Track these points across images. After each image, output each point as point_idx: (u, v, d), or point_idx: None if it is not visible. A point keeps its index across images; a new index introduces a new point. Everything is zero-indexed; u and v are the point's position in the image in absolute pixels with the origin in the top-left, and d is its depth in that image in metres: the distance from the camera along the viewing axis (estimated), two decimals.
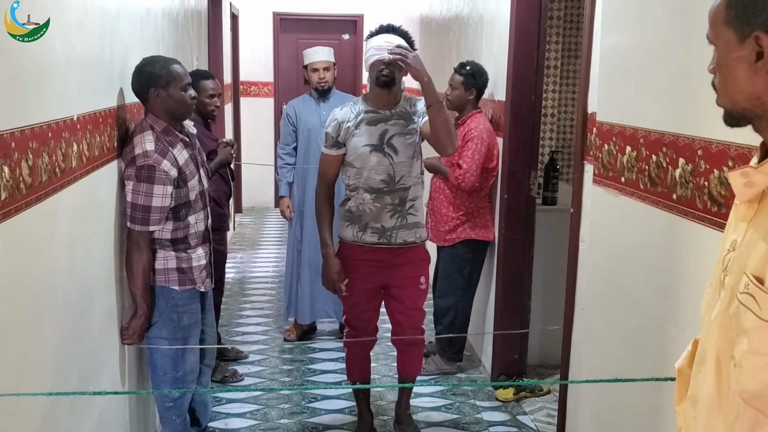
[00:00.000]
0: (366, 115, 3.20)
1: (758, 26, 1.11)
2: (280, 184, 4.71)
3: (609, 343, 2.54)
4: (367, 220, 3.22)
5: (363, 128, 3.18)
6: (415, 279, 3.32)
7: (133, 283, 2.82)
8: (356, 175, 3.22)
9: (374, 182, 3.19)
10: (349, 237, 3.29)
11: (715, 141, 1.83)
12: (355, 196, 3.24)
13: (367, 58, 3.17)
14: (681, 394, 1.41)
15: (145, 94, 2.83)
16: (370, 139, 3.17)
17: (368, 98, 3.26)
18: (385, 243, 3.23)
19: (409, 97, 3.31)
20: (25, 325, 1.89)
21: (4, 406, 1.74)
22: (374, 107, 3.21)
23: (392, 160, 3.17)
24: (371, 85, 3.24)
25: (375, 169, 3.17)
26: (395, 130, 3.18)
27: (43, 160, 1.97)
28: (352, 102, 3.31)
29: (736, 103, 1.19)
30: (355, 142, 3.19)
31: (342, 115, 3.24)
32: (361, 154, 3.18)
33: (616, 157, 2.44)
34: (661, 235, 2.12)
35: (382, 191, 3.19)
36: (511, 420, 3.78)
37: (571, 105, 5.46)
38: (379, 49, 3.09)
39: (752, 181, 1.16)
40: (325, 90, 4.58)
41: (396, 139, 3.17)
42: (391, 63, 3.05)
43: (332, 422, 3.71)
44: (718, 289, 1.25)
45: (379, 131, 3.18)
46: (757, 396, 1.12)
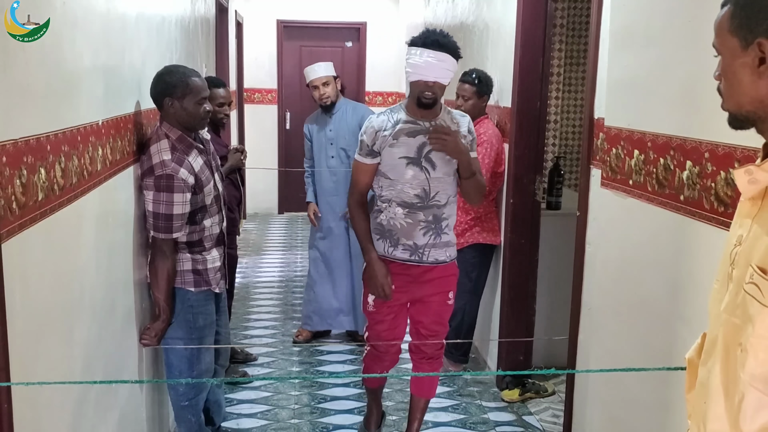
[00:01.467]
0: (405, 126, 3.07)
1: (760, 34, 1.19)
2: (307, 190, 4.79)
3: (617, 341, 2.61)
4: (398, 236, 3.12)
5: (401, 139, 3.05)
6: (444, 294, 3.23)
7: (158, 289, 2.88)
8: (389, 186, 3.10)
9: (408, 196, 3.07)
10: (379, 251, 3.16)
11: (721, 144, 1.90)
12: (387, 209, 3.12)
13: (409, 72, 3.02)
14: (691, 382, 1.48)
15: (161, 102, 2.90)
16: (408, 151, 3.05)
17: (408, 108, 3.12)
18: (416, 261, 3.14)
19: (450, 111, 3.21)
20: (59, 322, 1.97)
21: (42, 398, 1.82)
22: (414, 118, 3.08)
23: (429, 174, 3.06)
24: (411, 99, 3.10)
25: (410, 182, 3.06)
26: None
27: (74, 163, 2.04)
28: (390, 110, 3.17)
29: (740, 106, 1.27)
30: (392, 152, 3.06)
31: (379, 123, 3.10)
32: (397, 166, 3.06)
33: (624, 160, 2.51)
34: (668, 235, 2.20)
35: (416, 206, 3.08)
36: (517, 420, 3.85)
37: (574, 111, 5.54)
38: (421, 68, 2.96)
39: (755, 178, 1.24)
40: (329, 105, 4.58)
41: (435, 154, 3.04)
42: (434, 84, 2.96)
43: (342, 422, 3.77)
44: (725, 283, 1.33)
45: (418, 143, 3.05)
46: (761, 378, 1.19)
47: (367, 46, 9.09)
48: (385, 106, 9.05)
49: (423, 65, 2.95)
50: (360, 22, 9.04)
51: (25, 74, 1.70)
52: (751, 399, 1.22)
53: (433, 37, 2.98)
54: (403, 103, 3.16)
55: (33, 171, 1.72)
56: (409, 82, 3.06)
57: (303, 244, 7.61)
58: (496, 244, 4.28)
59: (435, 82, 2.97)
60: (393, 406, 3.96)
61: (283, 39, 9.03)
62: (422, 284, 3.18)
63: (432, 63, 2.94)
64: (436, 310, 3.24)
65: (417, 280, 3.17)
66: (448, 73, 3.00)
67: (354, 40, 9.14)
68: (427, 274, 3.17)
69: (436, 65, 2.95)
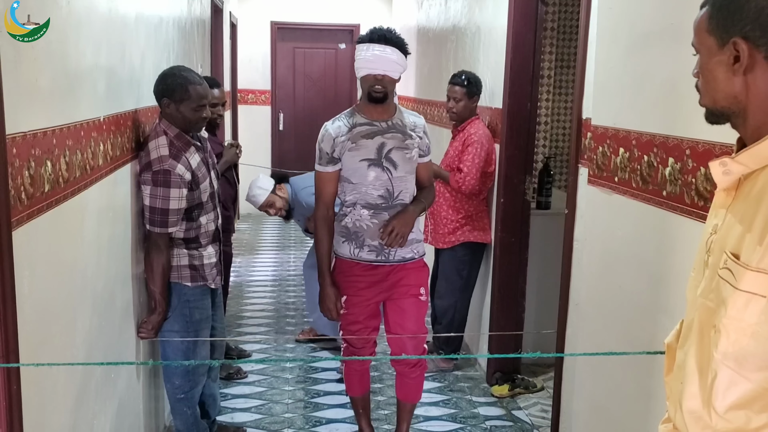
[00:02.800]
0: (362, 128, 3.05)
1: (736, 33, 1.27)
2: None
3: (602, 334, 2.69)
4: (364, 237, 3.09)
5: (360, 142, 3.04)
6: (415, 288, 3.18)
7: (154, 282, 2.94)
8: (353, 190, 3.08)
9: (372, 198, 3.06)
10: (345, 254, 3.15)
11: (701, 141, 1.99)
12: (352, 212, 3.09)
13: (358, 68, 3.04)
14: (669, 366, 1.56)
15: (159, 100, 2.97)
16: (368, 153, 3.04)
17: (362, 109, 3.11)
18: (382, 261, 3.12)
19: (403, 111, 3.20)
20: (62, 311, 2.04)
21: (48, 383, 1.88)
22: (369, 119, 3.07)
23: (391, 174, 3.05)
24: (363, 98, 3.10)
25: (373, 184, 3.05)
26: (393, 143, 3.06)
27: (77, 157, 2.11)
28: (344, 114, 3.14)
29: (716, 102, 1.35)
30: (351, 156, 3.05)
31: (335, 129, 3.07)
32: (358, 169, 3.05)
33: (609, 158, 2.60)
34: (652, 229, 2.29)
35: (380, 207, 3.06)
36: (507, 415, 3.92)
37: (564, 113, 5.63)
38: (369, 62, 2.99)
39: (729, 169, 1.32)
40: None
41: (395, 153, 3.05)
42: (383, 78, 2.98)
43: (335, 416, 3.84)
44: (701, 271, 1.41)
45: (377, 144, 3.04)
46: (733, 357, 1.27)
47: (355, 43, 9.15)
48: None
49: (371, 59, 2.98)
50: (353, 24, 9.12)
51: (33, 71, 1.77)
52: (723, 377, 1.29)
53: (379, 33, 3.03)
54: (356, 107, 3.16)
55: (40, 163, 1.79)
56: (360, 78, 3.06)
57: (296, 244, 7.69)
58: (487, 243, 4.36)
59: (384, 76, 2.99)
60: (385, 400, 4.03)
61: (277, 40, 9.09)
62: (392, 283, 3.16)
63: (379, 56, 2.97)
64: (410, 309, 3.19)
65: (385, 279, 3.15)
66: (397, 66, 3.02)
67: (347, 42, 9.22)
68: (394, 272, 3.15)
69: (383, 58, 2.98)
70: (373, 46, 2.99)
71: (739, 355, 1.26)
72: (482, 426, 3.78)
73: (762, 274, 1.22)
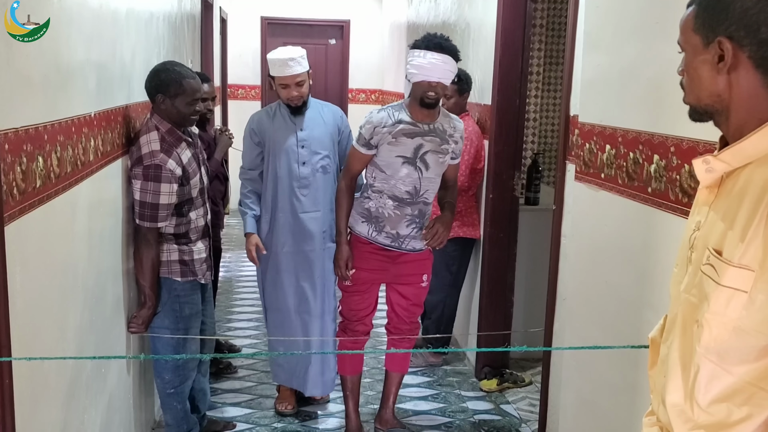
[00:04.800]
0: (405, 126, 3.20)
1: (721, 33, 1.29)
2: (246, 216, 3.59)
3: (589, 328, 2.72)
4: (384, 224, 3.29)
5: (400, 139, 3.19)
6: (418, 276, 3.42)
7: (143, 276, 2.95)
8: (383, 179, 3.25)
9: (399, 192, 3.24)
10: (363, 232, 3.34)
11: (686, 138, 2.02)
12: (378, 199, 3.28)
13: (412, 73, 3.14)
14: (653, 360, 1.59)
15: (153, 96, 2.98)
16: (405, 150, 3.20)
17: (409, 108, 3.24)
18: (395, 248, 3.33)
19: (448, 115, 3.36)
20: (54, 306, 2.05)
21: (39, 377, 1.90)
22: (414, 119, 3.21)
23: (421, 174, 3.23)
24: (412, 100, 3.22)
25: (403, 180, 3.22)
26: (430, 146, 3.22)
27: (68, 152, 2.12)
28: (392, 107, 3.28)
29: (700, 99, 1.37)
30: (390, 150, 3.21)
31: (378, 119, 3.22)
32: (393, 163, 3.21)
33: (596, 155, 2.63)
34: (637, 225, 2.32)
35: (405, 201, 3.25)
36: (495, 409, 3.96)
37: (553, 110, 5.67)
38: (425, 69, 3.08)
39: (712, 167, 1.34)
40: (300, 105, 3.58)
41: (429, 156, 3.22)
42: (437, 85, 3.11)
43: (325, 411, 3.86)
44: (684, 267, 1.43)
45: (415, 144, 3.20)
46: (715, 351, 1.29)
47: (351, 44, 9.18)
48: (367, 103, 9.14)
49: (427, 66, 3.09)
50: (343, 20, 9.12)
51: (25, 66, 1.78)
52: (705, 371, 1.32)
53: (435, 40, 3.13)
54: (404, 103, 3.27)
55: (32, 159, 1.80)
56: (413, 83, 3.17)
57: None
58: (476, 238, 4.39)
59: (438, 83, 3.12)
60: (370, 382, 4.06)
61: (267, 36, 9.09)
62: (398, 266, 3.38)
63: (435, 64, 3.08)
64: (412, 291, 3.45)
65: (394, 261, 3.37)
66: (450, 74, 3.15)
67: (338, 38, 9.22)
68: (403, 257, 3.37)
69: (439, 66, 3.09)
70: (429, 53, 3.09)
71: (721, 349, 1.29)
72: (471, 420, 3.82)
73: (744, 270, 1.24)
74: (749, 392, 1.28)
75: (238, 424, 3.68)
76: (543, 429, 3.29)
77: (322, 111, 3.67)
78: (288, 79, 3.50)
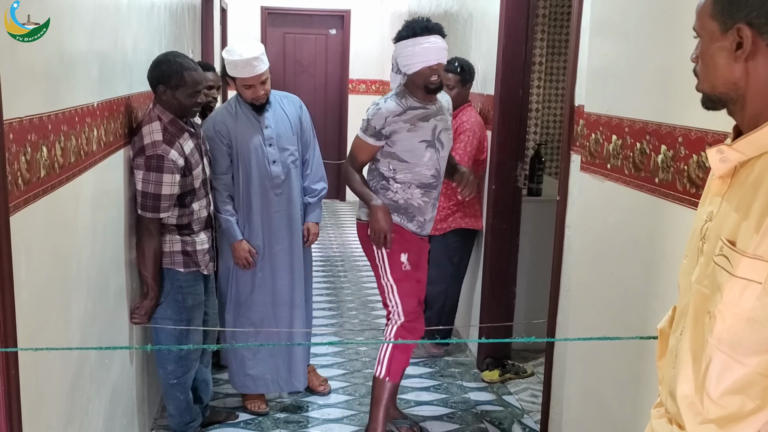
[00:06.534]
0: (417, 111, 3.15)
1: (740, 19, 1.28)
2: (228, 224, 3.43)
3: (594, 319, 2.72)
4: (414, 213, 3.22)
5: (418, 124, 3.13)
6: (427, 261, 3.40)
7: (145, 267, 2.95)
8: (405, 169, 3.17)
9: (426, 177, 3.18)
10: (396, 221, 3.20)
11: (694, 129, 2.01)
12: (404, 191, 3.20)
13: (408, 64, 3.07)
14: (662, 351, 1.58)
15: (155, 87, 2.97)
16: (425, 134, 3.14)
17: (412, 93, 3.17)
18: (420, 233, 3.28)
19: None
20: (58, 296, 2.05)
21: (44, 367, 1.90)
22: (421, 103, 3.16)
23: (439, 154, 3.21)
24: (415, 87, 3.14)
25: (427, 164, 3.17)
26: (442, 125, 3.21)
27: (71, 142, 2.11)
28: (395, 95, 3.18)
29: (714, 87, 1.36)
30: (411, 137, 3.13)
31: (388, 108, 3.13)
32: (416, 149, 3.14)
33: (602, 145, 2.61)
34: (643, 216, 2.31)
35: (431, 186, 3.22)
36: (497, 399, 3.96)
37: (555, 100, 5.65)
38: (421, 56, 3.04)
39: (726, 157, 1.33)
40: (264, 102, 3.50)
41: (443, 134, 3.22)
42: (438, 66, 3.07)
43: (327, 401, 3.86)
44: (695, 257, 1.42)
45: (432, 126, 3.16)
46: (727, 342, 1.29)
47: (351, 34, 9.13)
48: (368, 93, 9.12)
49: (421, 52, 3.04)
50: (344, 10, 9.08)
51: (29, 56, 1.77)
52: (718, 362, 1.31)
53: (420, 24, 3.08)
54: (406, 91, 3.18)
55: (36, 149, 1.79)
56: (411, 75, 3.11)
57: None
58: (478, 229, 4.38)
59: (438, 64, 3.09)
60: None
61: (267, 26, 9.05)
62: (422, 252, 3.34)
63: (428, 47, 3.04)
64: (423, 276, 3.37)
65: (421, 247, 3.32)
66: (445, 52, 3.11)
67: (338, 28, 9.18)
68: (423, 242, 3.35)
69: (433, 48, 3.05)
70: (419, 39, 3.05)
71: (734, 340, 1.28)
72: (473, 411, 3.82)
73: (758, 260, 1.23)
74: (762, 384, 1.28)
75: (239, 414, 3.68)
76: (546, 420, 3.29)
77: (282, 103, 3.57)
78: (254, 79, 3.36)
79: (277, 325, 3.58)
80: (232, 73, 3.38)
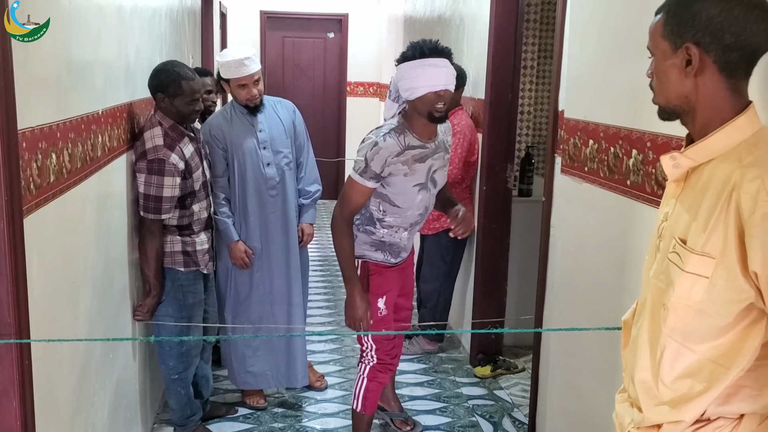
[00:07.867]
0: (414, 151, 2.86)
1: (688, 39, 1.40)
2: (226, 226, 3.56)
3: (574, 314, 2.85)
4: (399, 250, 3.08)
5: (414, 167, 2.86)
6: (410, 269, 3.30)
7: (147, 266, 3.08)
8: (395, 214, 2.96)
9: (413, 218, 3.01)
10: (379, 259, 3.05)
11: (661, 134, 2.14)
12: (391, 235, 3.02)
13: (411, 88, 2.75)
14: (625, 341, 1.71)
15: (154, 95, 3.10)
16: (420, 177, 2.90)
17: (413, 128, 2.87)
18: (403, 259, 3.15)
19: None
20: (66, 294, 2.18)
21: (54, 359, 2.04)
22: (421, 140, 2.87)
23: (430, 192, 3.01)
24: (417, 115, 2.83)
25: (417, 206, 2.97)
26: (438, 164, 2.98)
27: (78, 149, 2.24)
28: (394, 131, 2.84)
29: (668, 101, 1.49)
30: (407, 181, 2.88)
31: (388, 147, 2.80)
32: (409, 193, 2.91)
33: (580, 149, 2.75)
34: (617, 215, 2.44)
35: (418, 222, 3.07)
36: (489, 394, 4.09)
37: (546, 103, 5.75)
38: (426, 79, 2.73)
39: (678, 163, 1.46)
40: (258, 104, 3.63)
41: (438, 173, 2.99)
42: (445, 93, 2.76)
43: (326, 396, 3.98)
44: (653, 254, 1.56)
45: (427, 167, 2.91)
46: (679, 331, 1.42)
47: (349, 38, 9.26)
48: (366, 96, 9.25)
49: (427, 75, 2.72)
50: (342, 14, 9.21)
51: (40, 68, 1.90)
52: (671, 350, 1.45)
53: (428, 46, 2.78)
54: (405, 125, 2.87)
55: (46, 156, 1.92)
56: (414, 100, 2.77)
57: None
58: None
59: (445, 90, 2.76)
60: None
61: (266, 30, 9.17)
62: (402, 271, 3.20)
63: (435, 71, 2.73)
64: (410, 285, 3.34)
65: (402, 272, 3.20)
66: (453, 78, 2.81)
67: (336, 32, 9.30)
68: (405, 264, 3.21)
69: (441, 71, 2.74)
70: (427, 60, 2.73)
71: (685, 330, 1.41)
72: (465, 405, 3.94)
73: (706, 257, 1.36)
74: (709, 369, 1.41)
75: (239, 409, 3.80)
76: (533, 412, 3.42)
77: (276, 108, 3.69)
78: (247, 78, 3.48)
79: (275, 322, 3.72)
80: (226, 74, 3.52)
